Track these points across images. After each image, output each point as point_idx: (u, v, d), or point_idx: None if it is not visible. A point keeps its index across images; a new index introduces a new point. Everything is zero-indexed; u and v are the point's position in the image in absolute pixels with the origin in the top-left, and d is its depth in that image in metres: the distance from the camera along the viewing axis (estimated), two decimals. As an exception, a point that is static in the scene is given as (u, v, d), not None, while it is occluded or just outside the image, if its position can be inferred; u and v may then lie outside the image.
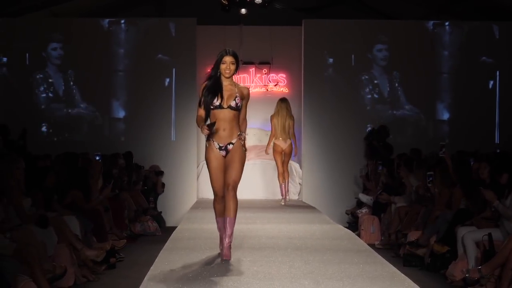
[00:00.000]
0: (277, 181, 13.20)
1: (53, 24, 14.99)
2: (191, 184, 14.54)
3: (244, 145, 7.37)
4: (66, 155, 11.52)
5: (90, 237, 9.70)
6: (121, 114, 14.82)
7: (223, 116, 7.21)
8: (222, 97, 7.18)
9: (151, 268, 7.29)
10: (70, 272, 8.25)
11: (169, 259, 7.71)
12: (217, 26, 15.23)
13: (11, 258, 6.84)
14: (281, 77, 15.96)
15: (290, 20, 15.46)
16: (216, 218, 7.51)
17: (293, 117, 12.92)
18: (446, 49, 14.56)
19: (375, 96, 14.60)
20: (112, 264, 9.62)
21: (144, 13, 16.14)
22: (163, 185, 14.22)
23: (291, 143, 12.83)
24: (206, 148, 7.34)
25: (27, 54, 14.56)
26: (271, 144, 12.86)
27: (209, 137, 7.21)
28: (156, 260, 7.75)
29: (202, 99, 7.26)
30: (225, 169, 7.26)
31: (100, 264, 9.26)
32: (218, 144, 7.27)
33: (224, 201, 7.28)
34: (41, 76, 14.54)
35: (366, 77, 14.62)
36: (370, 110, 14.61)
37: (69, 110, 14.66)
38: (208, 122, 7.17)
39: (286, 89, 15.95)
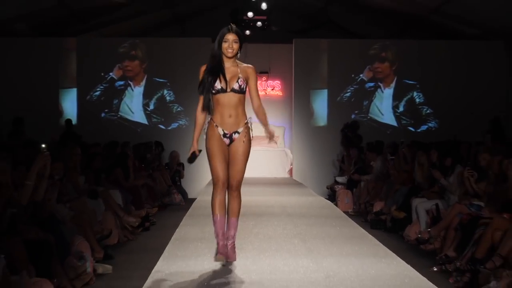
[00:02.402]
0: (278, 162, 13.16)
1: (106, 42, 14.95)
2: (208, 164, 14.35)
3: (251, 134, 5.43)
4: (110, 143, 11.60)
5: (130, 206, 9.72)
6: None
7: (228, 101, 5.17)
8: (224, 79, 5.14)
9: (177, 230, 7.31)
10: (115, 233, 8.27)
11: (190, 223, 7.73)
12: (227, 44, 15.10)
13: (69, 223, 6.87)
14: (277, 83, 16.02)
15: (283, 39, 15.44)
16: (213, 216, 5.26)
17: None
18: (405, 61, 14.48)
19: (352, 99, 14.53)
20: (147, 227, 9.65)
21: (170, 34, 16.11)
22: (183, 167, 14.11)
23: None
24: (208, 134, 5.29)
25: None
26: None
27: (212, 121, 5.26)
28: (181, 223, 7.78)
29: (202, 83, 5.23)
30: (229, 162, 5.30)
31: (137, 227, 9.29)
32: (223, 130, 5.25)
33: (224, 191, 5.29)
34: (102, 88, 14.49)
35: (344, 82, 14.56)
36: (346, 108, 14.54)
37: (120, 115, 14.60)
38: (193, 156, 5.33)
39: (280, 92, 16.01)
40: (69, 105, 14.36)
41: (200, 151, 5.34)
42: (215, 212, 5.23)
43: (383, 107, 14.62)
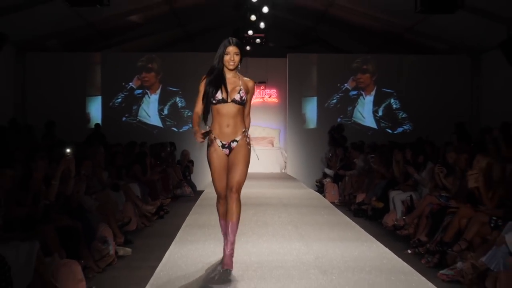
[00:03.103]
0: (274, 160, 13.15)
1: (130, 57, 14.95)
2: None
3: (249, 143, 4.82)
4: (130, 143, 11.62)
5: (147, 197, 9.73)
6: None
7: (227, 111, 4.68)
8: (225, 91, 4.66)
9: (187, 218, 7.34)
10: (134, 221, 8.28)
11: (199, 212, 7.75)
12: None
13: (95, 212, 6.88)
14: (273, 91, 15.96)
15: (279, 53, 15.41)
16: (219, 220, 4.93)
17: None
18: (383, 73, 14.47)
19: (338, 105, 14.51)
20: (161, 215, 9.66)
21: (181, 49, 16.10)
22: (192, 164, 14.10)
23: None
24: (208, 146, 4.81)
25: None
26: None
27: (210, 134, 4.76)
28: (190, 212, 7.81)
29: (204, 93, 4.76)
30: (229, 168, 4.74)
31: (153, 215, 9.30)
32: (221, 142, 4.72)
33: (229, 196, 4.72)
34: (123, 96, 14.48)
35: (331, 91, 14.55)
36: (333, 113, 14.51)
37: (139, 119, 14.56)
38: (206, 129, 4.79)
39: (276, 99, 15.95)
40: (95, 110, 14.34)
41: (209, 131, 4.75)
42: (221, 217, 4.89)
43: (365, 112, 14.61)
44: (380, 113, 14.55)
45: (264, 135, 15.61)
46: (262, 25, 14.33)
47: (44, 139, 11.04)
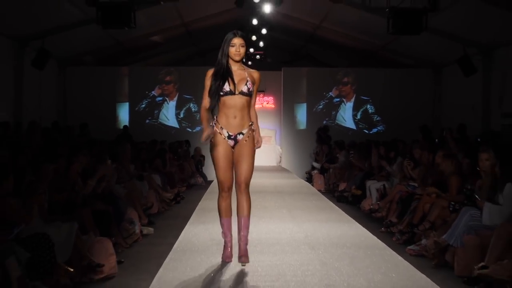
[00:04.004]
0: (271, 155, 13.07)
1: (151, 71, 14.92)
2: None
3: (257, 136, 4.09)
4: (152, 141, 11.60)
5: (166, 186, 9.73)
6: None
7: (234, 103, 3.93)
8: (233, 82, 3.93)
9: (199, 203, 7.34)
10: (155, 205, 8.28)
11: (209, 198, 7.73)
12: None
13: (123, 198, 6.88)
14: (270, 99, 15.92)
15: (275, 67, 15.34)
16: (220, 220, 4.09)
17: None
18: (361, 83, 14.42)
19: (324, 110, 14.49)
20: (178, 201, 9.65)
21: (195, 63, 16.06)
22: (204, 158, 14.08)
23: None
24: (212, 140, 4.00)
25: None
26: None
27: (217, 124, 3.98)
28: (202, 198, 7.80)
29: (210, 86, 3.98)
30: (235, 163, 4.00)
31: (171, 201, 9.31)
32: (227, 132, 3.95)
33: (230, 196, 4.07)
34: (146, 102, 14.43)
35: (318, 98, 14.52)
36: (319, 116, 14.49)
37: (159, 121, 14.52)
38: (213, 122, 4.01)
39: (273, 105, 15.92)
40: (123, 114, 14.32)
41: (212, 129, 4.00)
42: (222, 216, 4.06)
43: (346, 116, 14.58)
44: (358, 117, 14.54)
45: (263, 135, 15.51)
46: (261, 44, 14.38)
47: (79, 138, 11.04)
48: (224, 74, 3.94)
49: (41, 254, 4.14)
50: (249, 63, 15.08)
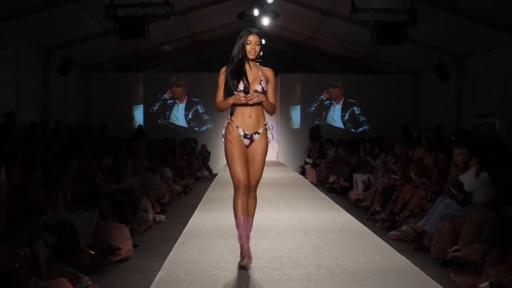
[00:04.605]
0: (269, 151, 12.93)
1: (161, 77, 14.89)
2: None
3: (270, 135, 3.67)
4: (164, 139, 11.60)
5: (176, 178, 9.74)
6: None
7: None
8: (247, 81, 3.41)
9: (205, 194, 7.31)
10: (167, 196, 8.29)
11: (214, 189, 7.73)
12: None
13: (139, 189, 6.88)
14: (268, 101, 15.93)
15: (272, 74, 15.35)
16: (236, 222, 3.45)
17: None
18: (349, 88, 14.39)
19: (316, 111, 14.46)
20: (187, 192, 9.67)
21: (201, 70, 16.01)
22: (209, 154, 14.06)
23: None
24: (227, 135, 3.45)
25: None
26: None
27: (232, 122, 3.47)
28: (208, 189, 7.78)
29: (224, 85, 3.44)
30: (249, 162, 3.50)
31: (181, 192, 9.31)
32: (244, 131, 3.47)
33: (246, 194, 3.47)
34: (159, 104, 14.40)
35: (311, 101, 14.50)
36: (312, 117, 14.47)
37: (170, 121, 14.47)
38: (242, 88, 3.41)
39: (271, 107, 15.91)
40: (138, 115, 14.29)
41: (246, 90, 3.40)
42: (238, 215, 3.42)
43: (335, 116, 14.55)
44: (346, 117, 14.51)
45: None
46: (261, 53, 14.26)
47: (99, 136, 11.04)
48: (239, 73, 3.41)
49: (65, 239, 4.15)
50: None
